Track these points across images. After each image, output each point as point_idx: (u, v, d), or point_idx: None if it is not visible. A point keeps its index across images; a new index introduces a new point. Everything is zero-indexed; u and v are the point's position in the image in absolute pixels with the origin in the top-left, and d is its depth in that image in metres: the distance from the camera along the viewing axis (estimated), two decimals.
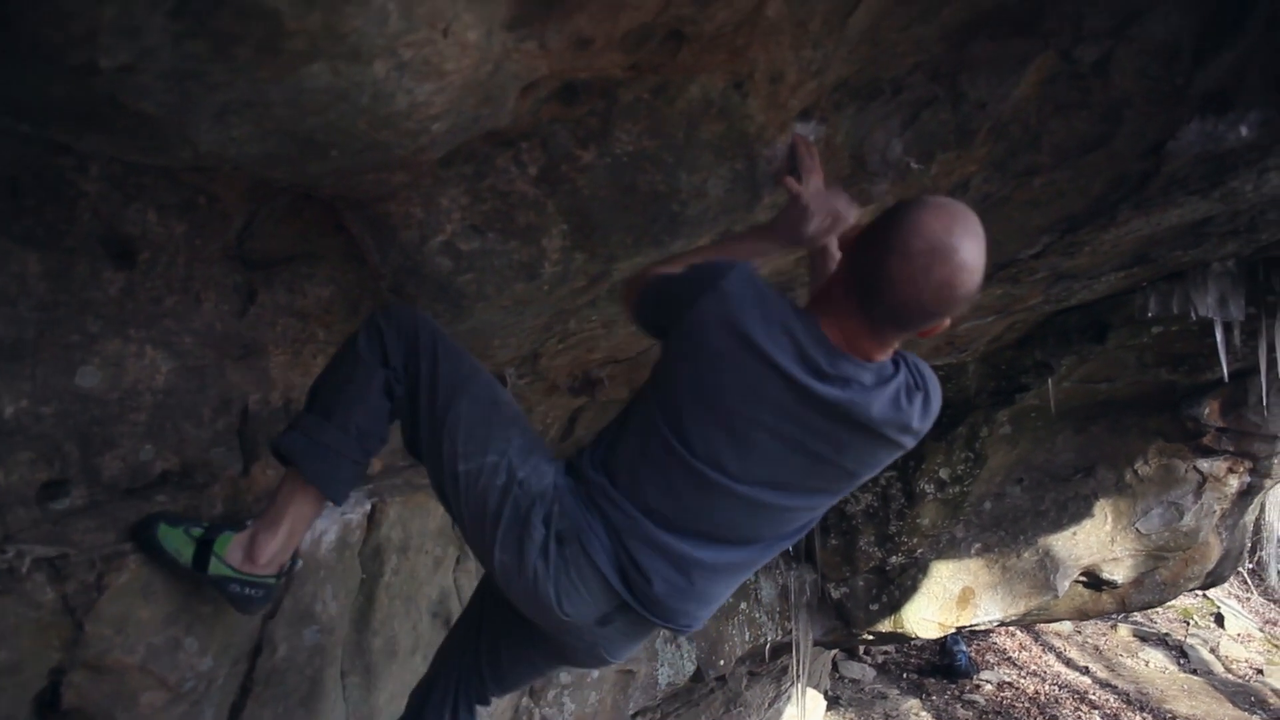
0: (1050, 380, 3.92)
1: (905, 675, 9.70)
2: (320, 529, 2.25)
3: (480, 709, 1.99)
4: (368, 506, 2.44)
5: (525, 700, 3.39)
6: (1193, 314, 3.15)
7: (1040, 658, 10.91)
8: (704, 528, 1.58)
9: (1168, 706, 9.86)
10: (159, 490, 1.84)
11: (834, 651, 8.41)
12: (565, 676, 3.53)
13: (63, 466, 1.67)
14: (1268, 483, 4.42)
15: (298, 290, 2.03)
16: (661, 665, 3.96)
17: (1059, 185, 2.07)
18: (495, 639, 1.88)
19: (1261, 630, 13.66)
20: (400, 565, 2.60)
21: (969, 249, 1.34)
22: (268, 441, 1.82)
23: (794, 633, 4.59)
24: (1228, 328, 3.25)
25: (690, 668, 4.12)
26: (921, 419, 1.53)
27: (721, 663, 4.23)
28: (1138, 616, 12.39)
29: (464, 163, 1.74)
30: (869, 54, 1.78)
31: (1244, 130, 1.88)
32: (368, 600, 2.47)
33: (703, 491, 1.53)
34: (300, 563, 1.90)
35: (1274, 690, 10.68)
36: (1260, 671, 11.59)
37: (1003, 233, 2.27)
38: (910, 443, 1.56)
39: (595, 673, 3.63)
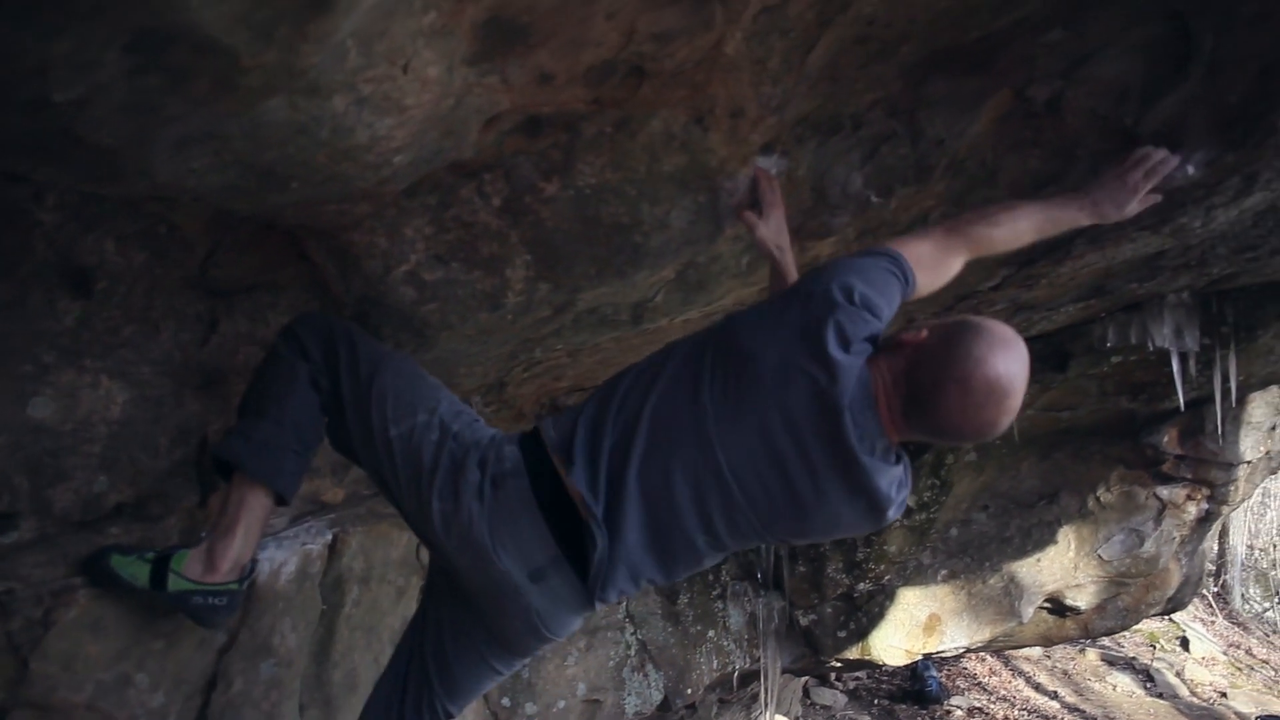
0: None
1: (877, 701, 9.69)
2: (280, 560, 2.22)
3: None
4: (329, 537, 2.42)
5: None
6: (1150, 344, 3.20)
7: (1010, 682, 10.96)
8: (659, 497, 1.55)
9: None
10: (112, 523, 1.82)
11: (805, 678, 8.39)
12: (531, 707, 3.50)
13: (12, 499, 1.64)
14: (1225, 509, 4.49)
15: (260, 319, 2.02)
16: (628, 695, 3.94)
17: None
18: (439, 635, 1.83)
19: (1225, 653, 13.82)
20: (362, 596, 2.57)
21: (1018, 394, 1.41)
22: (209, 453, 1.82)
23: (762, 660, 4.58)
24: (1184, 358, 3.31)
25: (658, 696, 4.09)
26: (895, 512, 1.56)
27: (689, 691, 4.21)
28: (1105, 641, 12.50)
29: (428, 193, 1.74)
30: (829, 90, 1.81)
31: (1190, 169, 1.92)
32: (328, 632, 2.44)
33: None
34: (258, 565, 1.88)
35: (1238, 714, 10.78)
36: (1224, 695, 11.71)
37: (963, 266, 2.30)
38: (870, 529, 1.59)
39: (561, 703, 3.60)
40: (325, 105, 1.23)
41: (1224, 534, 18.51)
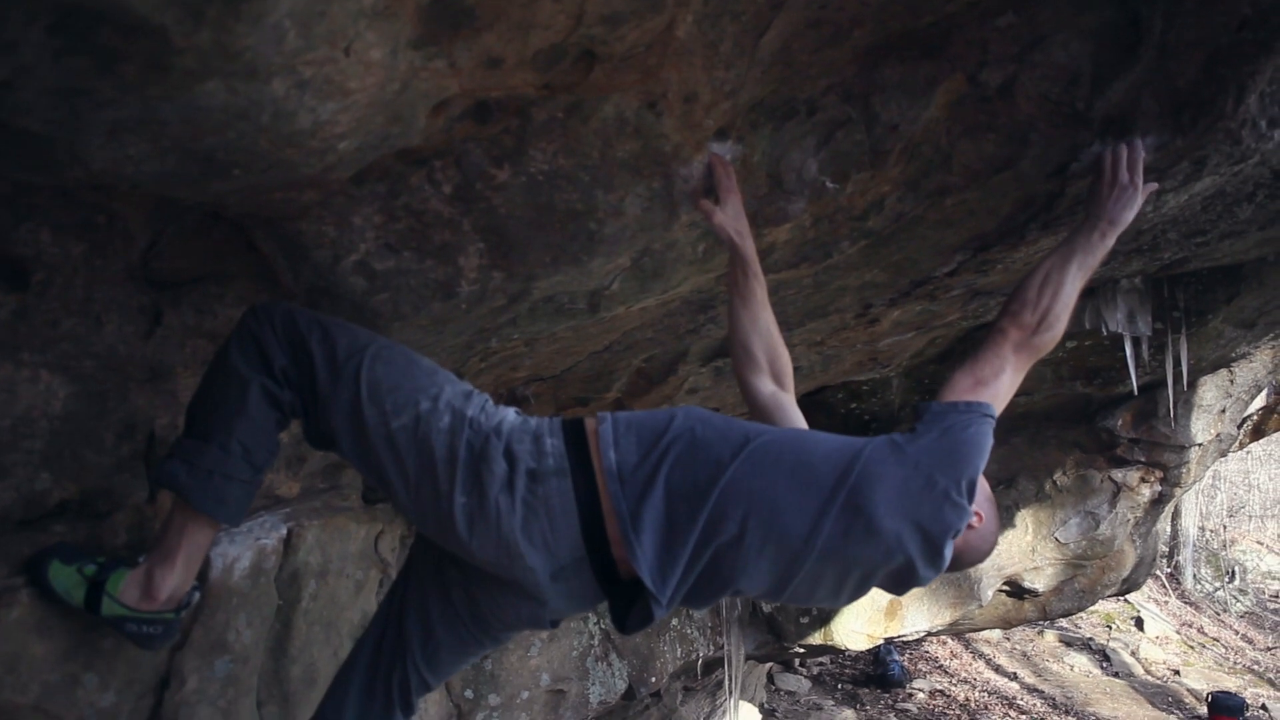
0: None
1: (840, 686, 9.79)
2: (233, 555, 2.18)
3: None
4: (284, 531, 2.37)
5: None
6: (1104, 329, 3.25)
7: (971, 665, 11.13)
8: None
9: (1091, 709, 10.13)
10: (56, 520, 1.77)
11: (770, 665, 8.45)
12: (494, 698, 3.48)
13: None
14: (1177, 491, 4.58)
15: (207, 311, 1.97)
16: (593, 684, 3.93)
17: (970, 205, 2.12)
18: (424, 606, 1.76)
19: (1179, 632, 14.14)
20: (319, 590, 2.53)
21: None
22: (150, 473, 1.74)
23: (726, 647, 4.60)
24: (1136, 342, 3.36)
25: (622, 685, 4.09)
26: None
27: (653, 679, 4.22)
28: (1063, 622, 12.72)
29: (377, 181, 1.71)
30: (783, 75, 1.80)
31: (1141, 154, 1.95)
32: (285, 627, 2.40)
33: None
34: (199, 594, 1.83)
35: (1190, 690, 11.04)
36: (1177, 672, 11.98)
37: (918, 251, 2.31)
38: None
39: (524, 694, 3.58)
40: (264, 89, 1.20)
41: (1176, 516, 18.92)
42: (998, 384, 1.67)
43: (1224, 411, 4.31)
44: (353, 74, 1.28)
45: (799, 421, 1.84)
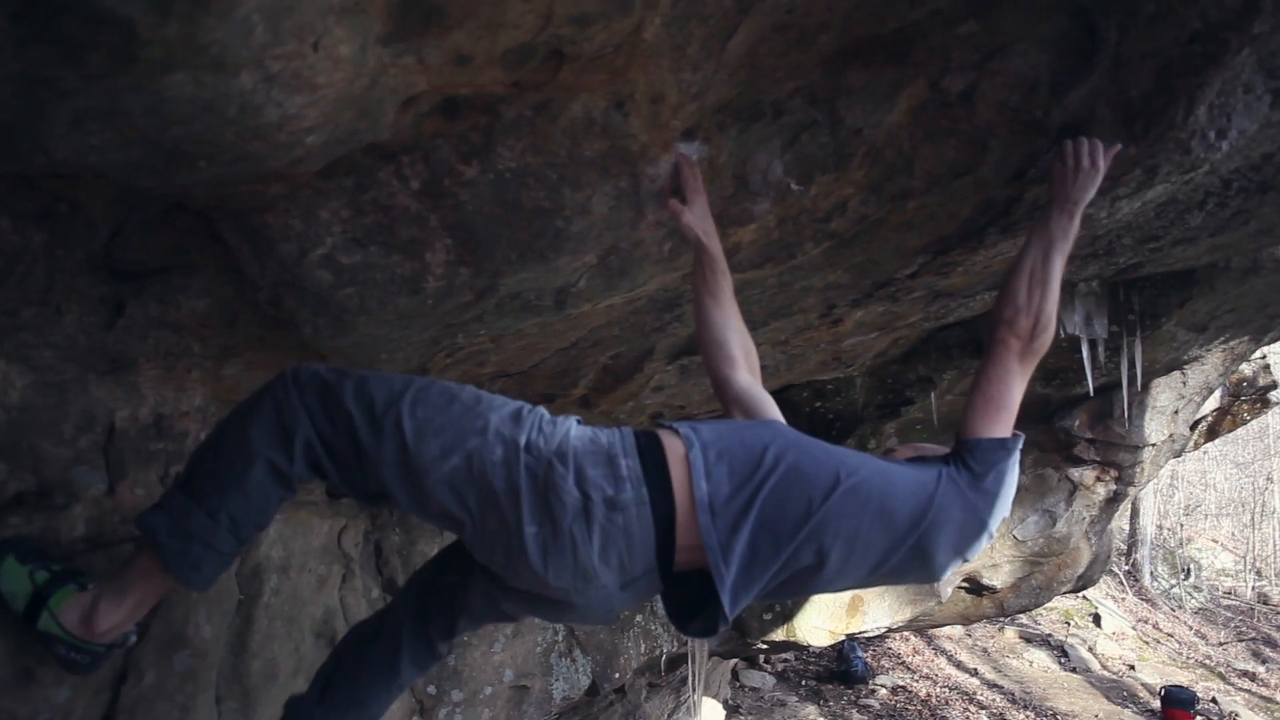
0: (933, 394, 4.07)
1: (804, 682, 9.88)
2: None
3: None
4: None
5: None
6: (1062, 331, 3.32)
7: (932, 661, 11.28)
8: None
9: (1049, 704, 10.31)
10: (12, 512, 1.75)
11: (734, 661, 8.50)
12: (457, 694, 3.48)
13: None
14: (1132, 490, 4.68)
15: (171, 302, 1.96)
16: (556, 680, 3.94)
17: (931, 209, 2.16)
18: (466, 586, 1.81)
19: (1134, 628, 14.42)
20: (281, 585, 2.52)
21: None
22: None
23: (690, 644, 4.63)
24: (1093, 344, 3.44)
25: (585, 681, 4.11)
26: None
27: (617, 675, 4.24)
28: (1023, 619, 12.93)
29: (344, 175, 1.71)
30: (749, 78, 1.82)
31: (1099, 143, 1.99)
32: (245, 622, 2.39)
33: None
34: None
35: (1144, 684, 11.27)
36: (1132, 667, 12.23)
37: (880, 253, 2.35)
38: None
39: (488, 689, 3.59)
40: (232, 82, 1.20)
41: (1135, 515, 19.30)
42: (1014, 401, 1.77)
43: (1177, 413, 4.41)
44: (321, 69, 1.28)
45: (773, 410, 1.88)
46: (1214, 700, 11.18)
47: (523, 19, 1.42)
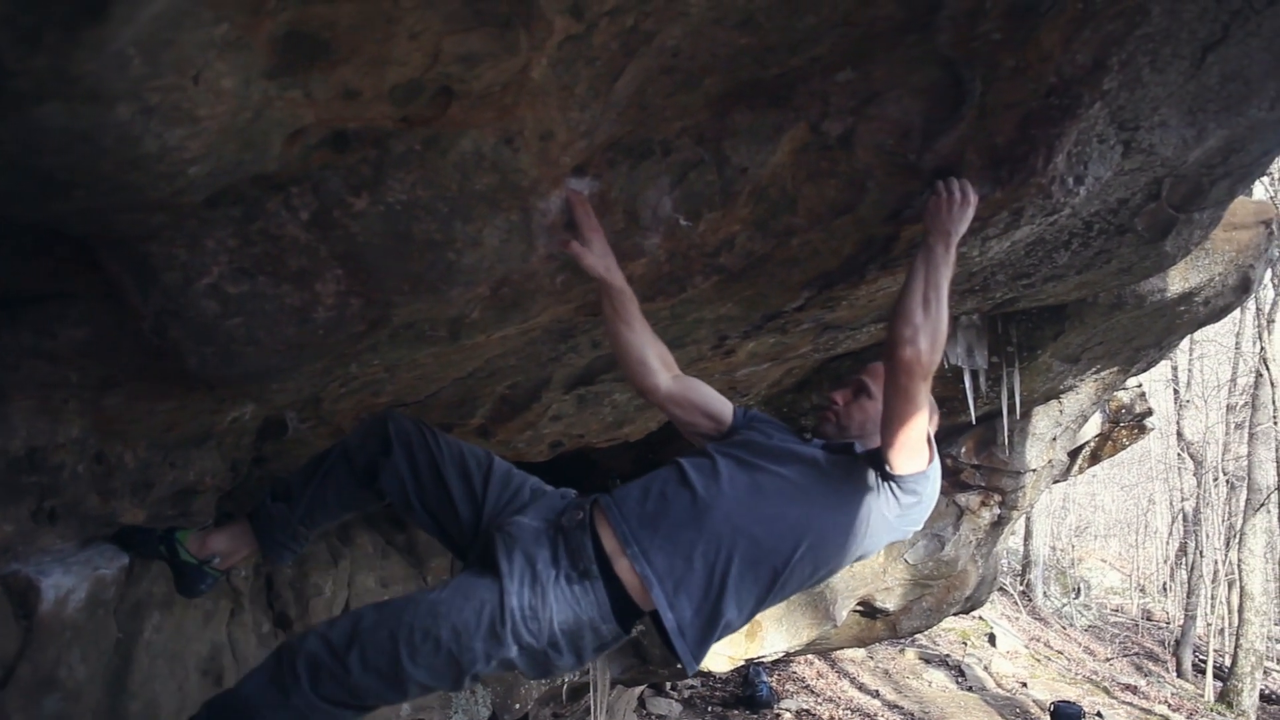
0: None
1: (710, 709, 9.92)
2: (67, 586, 2.09)
3: None
4: (125, 560, 2.29)
5: None
6: (945, 362, 3.48)
7: (836, 684, 11.46)
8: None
9: None
10: None
11: (641, 688, 8.49)
12: None
13: None
14: (1014, 514, 4.89)
15: (46, 331, 1.90)
16: (455, 713, 3.89)
17: (815, 245, 2.25)
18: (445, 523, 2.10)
19: (1027, 647, 14.94)
20: (164, 622, 2.45)
21: None
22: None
23: (592, 672, 4.63)
24: (975, 375, 3.61)
25: (485, 713, 4.06)
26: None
27: (517, 706, 4.20)
28: (923, 640, 13.27)
29: (231, 205, 1.70)
30: (638, 117, 1.88)
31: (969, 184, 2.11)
32: (124, 661, 2.31)
33: None
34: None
35: (1035, 701, 11.67)
36: (1025, 684, 12.66)
37: (768, 287, 2.43)
38: None
39: None
40: (107, 114, 1.19)
41: (1028, 536, 20.06)
42: (922, 422, 1.89)
43: (1055, 439, 4.65)
44: (202, 101, 1.28)
45: (708, 392, 2.18)
46: (1099, 714, 11.67)
47: (410, 56, 1.44)
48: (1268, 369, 13.39)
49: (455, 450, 2.09)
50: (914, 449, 1.89)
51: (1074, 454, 6.03)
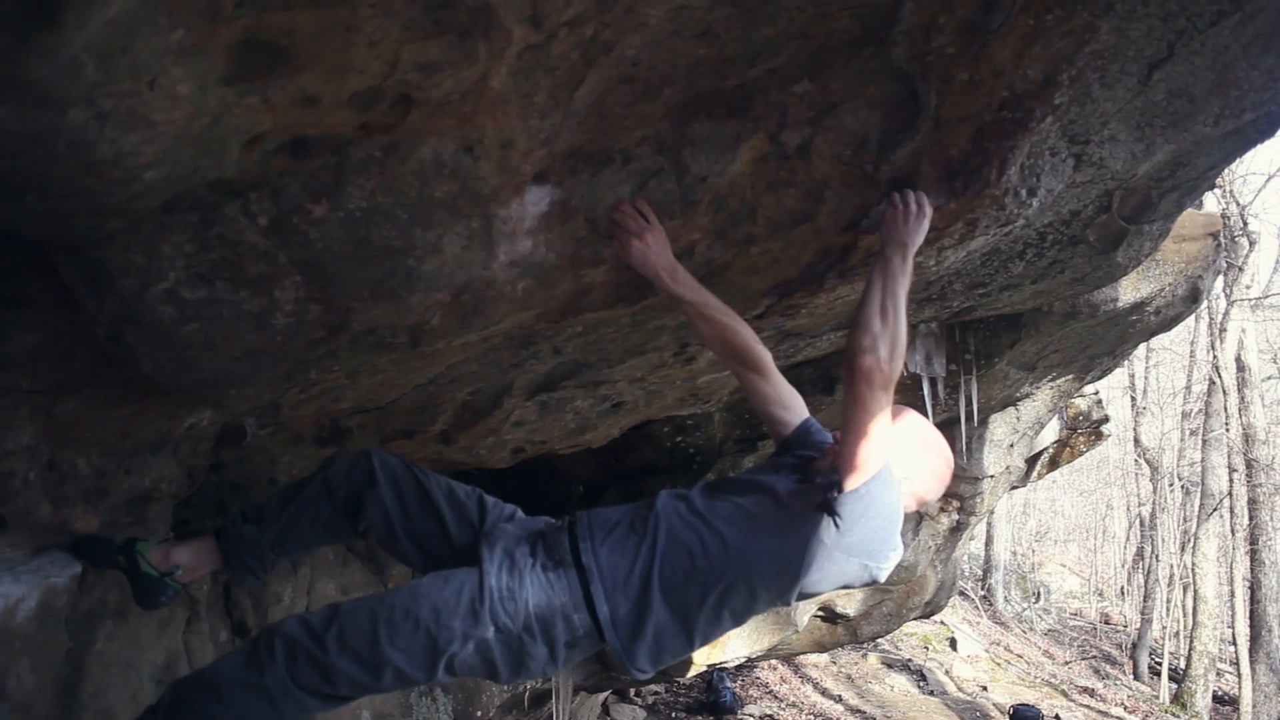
0: None
1: (674, 715, 9.93)
2: (17, 595, 2.06)
3: None
4: (78, 568, 2.26)
5: None
6: (905, 370, 3.52)
7: (799, 689, 11.52)
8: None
9: None
10: None
11: (604, 695, 8.48)
12: None
13: None
14: (973, 520, 4.97)
15: None
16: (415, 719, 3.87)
17: (774, 254, 2.28)
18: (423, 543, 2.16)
19: (988, 650, 15.12)
20: (117, 631, 2.41)
21: None
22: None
23: (554, 679, 4.62)
24: (934, 382, 3.66)
25: None
26: None
27: (479, 714, 4.18)
28: (885, 644, 13.39)
29: (188, 210, 1.69)
30: (599, 126, 1.90)
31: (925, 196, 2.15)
32: (76, 671, 2.27)
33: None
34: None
35: (995, 704, 11.81)
36: (985, 688, 12.81)
37: (728, 295, 2.44)
38: None
39: None
40: (60, 118, 1.18)
41: (990, 541, 20.33)
42: (882, 430, 1.89)
43: (1012, 446, 4.73)
44: (158, 107, 1.28)
45: (798, 402, 2.32)
46: (1058, 717, 11.85)
47: (368, 64, 1.45)
48: (1220, 376, 13.70)
49: (444, 483, 2.19)
50: (866, 467, 1.89)
51: (1032, 460, 6.13)
